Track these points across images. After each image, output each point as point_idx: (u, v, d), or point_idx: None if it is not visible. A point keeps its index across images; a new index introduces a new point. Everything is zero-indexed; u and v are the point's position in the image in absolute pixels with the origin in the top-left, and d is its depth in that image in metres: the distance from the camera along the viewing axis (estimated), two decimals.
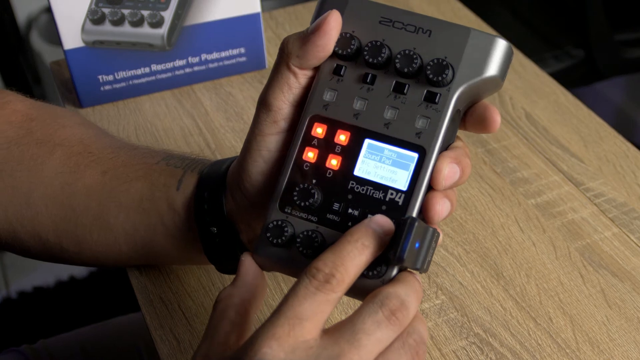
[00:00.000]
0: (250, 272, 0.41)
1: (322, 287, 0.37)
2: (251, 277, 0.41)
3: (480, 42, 0.42)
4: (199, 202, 0.49)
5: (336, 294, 0.37)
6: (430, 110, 0.41)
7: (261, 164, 0.45)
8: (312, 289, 0.37)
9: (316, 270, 0.37)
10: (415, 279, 0.40)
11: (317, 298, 0.37)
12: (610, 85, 1.74)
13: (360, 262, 0.38)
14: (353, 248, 0.38)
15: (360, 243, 0.38)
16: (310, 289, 0.37)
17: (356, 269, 0.38)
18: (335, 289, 0.37)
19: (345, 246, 0.38)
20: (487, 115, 0.43)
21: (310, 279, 0.37)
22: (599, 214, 0.63)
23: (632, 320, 0.55)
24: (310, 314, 0.36)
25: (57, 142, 0.54)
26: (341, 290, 0.37)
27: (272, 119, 0.44)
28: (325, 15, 0.42)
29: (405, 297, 0.38)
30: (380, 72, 0.43)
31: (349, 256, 0.38)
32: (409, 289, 0.39)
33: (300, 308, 0.36)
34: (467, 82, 0.41)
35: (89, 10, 0.71)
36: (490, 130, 0.43)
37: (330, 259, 0.38)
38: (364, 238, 0.38)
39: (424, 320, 0.39)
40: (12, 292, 1.51)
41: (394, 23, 0.43)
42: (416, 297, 0.39)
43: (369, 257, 0.38)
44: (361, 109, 0.42)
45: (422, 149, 0.41)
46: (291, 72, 0.43)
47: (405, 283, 0.39)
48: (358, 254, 0.38)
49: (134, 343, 0.76)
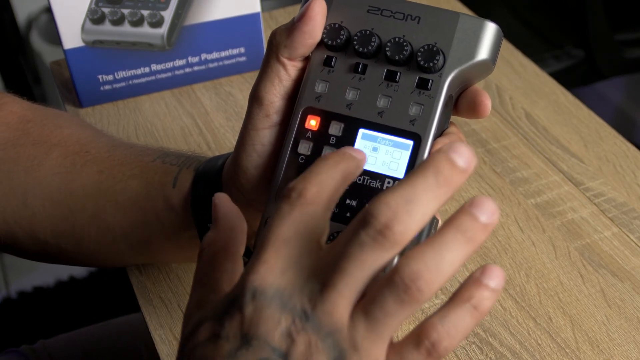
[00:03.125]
0: (228, 212, 0.39)
1: (296, 202, 0.35)
2: (230, 218, 0.39)
3: (470, 26, 0.41)
4: (195, 199, 0.49)
5: (316, 207, 0.35)
6: (423, 97, 0.41)
7: (256, 158, 0.45)
8: (287, 208, 0.35)
9: (288, 190, 0.35)
10: (426, 171, 0.33)
11: (295, 215, 0.35)
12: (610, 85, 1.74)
13: (334, 176, 0.35)
14: (324, 164, 0.36)
15: (331, 160, 0.36)
16: (285, 209, 0.35)
17: (331, 181, 0.35)
18: (313, 201, 0.35)
19: (316, 165, 0.36)
20: (478, 100, 0.43)
21: (284, 199, 0.35)
22: (599, 214, 0.63)
23: (632, 320, 0.55)
24: (293, 233, 0.34)
25: (54, 143, 0.54)
26: (320, 203, 0.35)
27: (264, 112, 0.44)
28: (310, 2, 0.42)
29: (401, 206, 0.32)
30: (370, 61, 0.42)
31: (320, 170, 0.35)
32: (410, 191, 0.33)
33: (280, 229, 0.34)
34: (459, 67, 0.41)
35: (88, 10, 0.71)
36: (481, 115, 0.43)
37: (301, 177, 0.35)
38: (335, 156, 0.36)
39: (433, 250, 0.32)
40: (12, 292, 1.51)
41: (382, 11, 0.43)
42: (425, 201, 0.33)
43: (344, 171, 0.36)
44: (354, 99, 0.42)
45: (417, 136, 0.41)
46: (281, 64, 0.43)
47: (405, 184, 0.33)
48: (330, 169, 0.35)
49: (134, 343, 0.76)
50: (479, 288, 0.33)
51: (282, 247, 0.34)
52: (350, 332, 0.33)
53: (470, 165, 0.34)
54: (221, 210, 0.39)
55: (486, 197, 0.33)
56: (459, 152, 0.33)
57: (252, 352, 0.33)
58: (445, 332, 0.33)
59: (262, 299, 0.34)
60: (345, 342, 0.33)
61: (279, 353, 0.33)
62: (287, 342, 0.33)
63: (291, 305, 0.33)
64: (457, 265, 0.33)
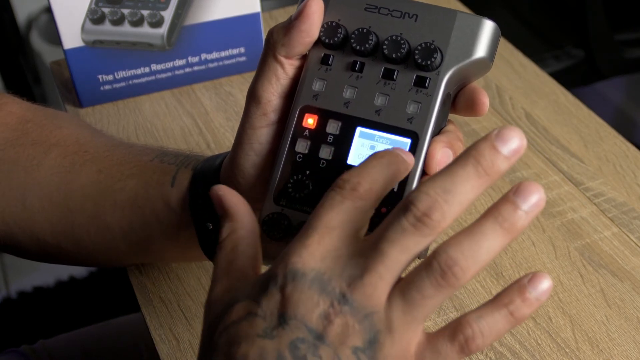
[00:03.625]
0: (237, 201, 0.40)
1: (349, 195, 0.36)
2: (242, 206, 0.40)
3: (467, 24, 0.41)
4: (193, 198, 0.49)
5: (365, 202, 0.36)
6: (421, 95, 0.41)
7: (253, 157, 0.45)
8: (338, 198, 0.36)
9: (342, 181, 0.36)
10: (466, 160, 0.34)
11: (344, 206, 0.36)
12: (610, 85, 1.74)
13: (386, 175, 0.37)
14: (378, 162, 0.37)
15: (386, 159, 0.37)
16: (337, 199, 0.36)
17: (383, 180, 0.37)
18: (364, 197, 0.36)
19: (371, 161, 0.37)
20: (476, 98, 0.43)
21: (337, 189, 0.36)
22: (599, 214, 0.63)
23: (632, 320, 0.55)
24: (338, 223, 0.36)
25: (53, 143, 0.54)
26: (370, 199, 0.36)
27: (261, 111, 0.44)
28: (307, 0, 0.42)
29: (440, 195, 0.34)
30: (368, 59, 0.42)
31: (375, 168, 0.37)
32: (449, 180, 0.34)
33: (327, 217, 0.36)
34: (456, 64, 0.41)
35: (88, 10, 0.71)
36: (479, 113, 0.43)
37: (356, 171, 0.37)
38: (389, 157, 0.38)
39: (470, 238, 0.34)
40: (12, 292, 1.51)
41: (380, 9, 0.42)
42: (463, 190, 0.34)
43: (395, 174, 0.37)
44: (351, 97, 0.42)
45: (414, 135, 0.41)
46: (278, 62, 0.43)
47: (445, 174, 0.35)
48: (384, 168, 0.37)
49: (135, 343, 0.76)
50: (521, 296, 0.35)
51: (326, 235, 0.35)
52: (387, 313, 0.35)
53: (517, 152, 0.35)
54: (230, 199, 0.40)
55: (533, 182, 0.34)
56: (504, 139, 0.35)
57: (289, 331, 0.34)
58: (479, 330, 0.35)
59: (302, 281, 0.34)
60: (381, 323, 0.34)
61: (315, 334, 0.34)
62: (324, 324, 0.34)
63: (330, 289, 0.34)
64: (493, 254, 0.34)
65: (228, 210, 0.39)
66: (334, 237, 0.36)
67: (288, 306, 0.34)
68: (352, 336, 0.34)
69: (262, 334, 0.34)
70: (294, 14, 0.43)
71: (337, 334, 0.34)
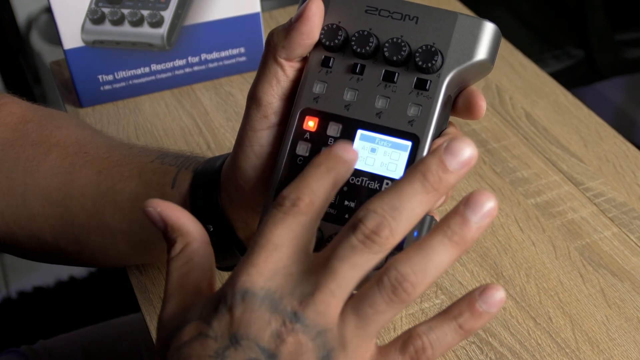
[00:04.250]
0: (182, 214, 0.39)
1: (289, 211, 0.35)
2: (188, 218, 0.39)
3: (468, 26, 0.41)
4: (194, 200, 0.49)
5: (307, 217, 0.36)
6: (422, 98, 0.41)
7: (254, 159, 0.45)
8: (280, 215, 0.35)
9: (282, 198, 0.36)
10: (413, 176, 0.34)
11: (287, 223, 0.35)
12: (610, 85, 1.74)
13: (326, 183, 0.36)
14: (316, 171, 0.36)
15: (323, 166, 0.36)
16: (278, 216, 0.35)
17: (323, 190, 0.36)
18: (305, 211, 0.35)
19: (308, 171, 0.36)
20: (473, 101, 0.43)
21: (277, 207, 0.36)
22: (599, 214, 0.63)
23: (632, 320, 0.55)
24: (284, 240, 0.35)
25: (53, 143, 0.54)
26: (312, 213, 0.36)
27: (262, 113, 0.44)
28: (307, 2, 0.42)
29: (387, 212, 0.34)
30: (369, 61, 0.42)
31: (312, 178, 0.36)
32: (396, 197, 0.34)
33: (272, 235, 0.35)
34: (457, 67, 0.41)
35: (88, 10, 0.71)
36: (475, 116, 0.43)
37: (294, 185, 0.36)
38: (326, 162, 0.36)
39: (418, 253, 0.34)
40: (12, 292, 1.51)
41: (380, 11, 0.42)
42: (410, 207, 0.34)
43: (335, 179, 0.36)
44: (352, 99, 0.42)
45: (415, 137, 0.41)
46: (278, 64, 0.43)
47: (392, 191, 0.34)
48: (322, 176, 0.36)
49: (135, 343, 0.76)
50: (470, 309, 0.35)
51: (274, 252, 0.35)
52: (340, 330, 0.34)
53: (466, 164, 0.34)
54: (174, 213, 0.39)
55: (484, 192, 0.34)
56: (453, 152, 0.34)
57: (241, 351, 0.34)
58: (429, 342, 0.35)
59: (252, 300, 0.34)
60: (334, 340, 0.34)
61: (267, 353, 0.34)
62: (277, 343, 0.34)
63: (281, 307, 0.34)
64: (444, 268, 0.34)
65: (175, 225, 0.38)
66: (282, 255, 0.35)
67: (239, 326, 0.34)
68: (305, 354, 0.34)
69: (214, 355, 0.34)
70: (294, 16, 0.42)
71: (290, 352, 0.34)
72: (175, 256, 0.38)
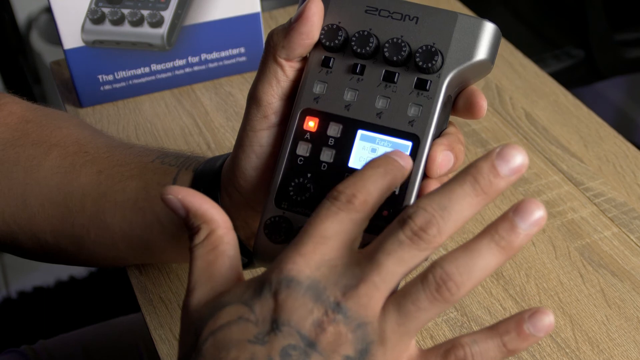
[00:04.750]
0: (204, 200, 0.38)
1: (344, 207, 0.36)
2: (211, 204, 0.38)
3: (468, 26, 0.41)
4: None
5: (359, 214, 0.36)
6: (422, 98, 0.41)
7: (254, 159, 0.45)
8: (334, 209, 0.36)
9: (337, 193, 0.37)
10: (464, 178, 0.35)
11: (340, 217, 0.36)
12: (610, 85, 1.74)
13: (382, 185, 0.37)
14: (374, 172, 0.37)
15: (382, 169, 0.37)
16: (332, 209, 0.36)
17: (378, 192, 0.37)
18: (358, 209, 0.36)
19: (367, 171, 0.37)
20: (474, 101, 0.43)
21: (332, 200, 0.37)
22: (599, 214, 0.63)
23: (632, 320, 0.55)
24: (333, 233, 0.36)
25: (53, 143, 0.55)
26: (364, 211, 0.37)
27: (262, 114, 0.44)
28: (307, 2, 0.42)
29: (436, 212, 0.35)
30: (369, 61, 0.42)
31: (370, 179, 0.37)
32: (446, 197, 0.35)
33: (323, 227, 0.36)
34: (457, 67, 0.41)
35: (88, 10, 0.71)
36: (476, 115, 0.43)
37: (351, 181, 0.37)
38: (385, 165, 0.38)
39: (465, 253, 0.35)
40: (12, 292, 1.51)
41: (380, 11, 0.42)
42: (459, 208, 0.35)
43: (391, 183, 0.37)
44: (352, 100, 0.42)
45: (415, 137, 0.41)
46: (278, 64, 0.43)
47: (443, 191, 0.35)
48: (379, 178, 0.37)
49: (134, 343, 0.76)
50: (517, 329, 0.35)
51: (321, 244, 0.36)
52: (380, 324, 0.35)
53: (517, 171, 0.35)
54: (196, 200, 0.38)
55: (534, 200, 0.35)
56: (505, 158, 0.35)
57: (281, 337, 0.34)
58: (471, 354, 0.35)
59: (297, 288, 0.35)
60: (374, 333, 0.35)
61: (307, 341, 0.34)
62: (317, 332, 0.34)
63: (325, 297, 0.35)
64: (489, 271, 0.35)
65: (198, 211, 0.38)
66: (329, 247, 0.36)
67: (282, 312, 0.34)
68: (344, 345, 0.34)
69: (254, 340, 0.34)
70: (294, 16, 0.42)
71: (329, 342, 0.34)
72: (199, 243, 0.38)
